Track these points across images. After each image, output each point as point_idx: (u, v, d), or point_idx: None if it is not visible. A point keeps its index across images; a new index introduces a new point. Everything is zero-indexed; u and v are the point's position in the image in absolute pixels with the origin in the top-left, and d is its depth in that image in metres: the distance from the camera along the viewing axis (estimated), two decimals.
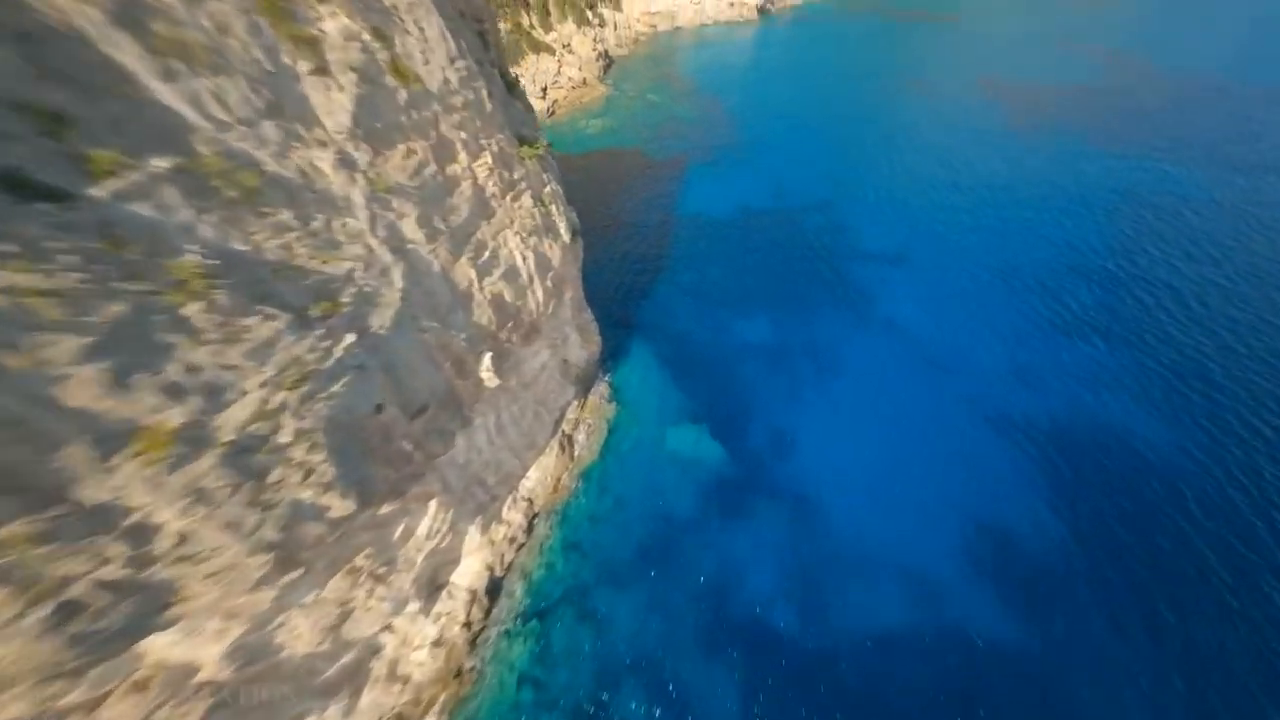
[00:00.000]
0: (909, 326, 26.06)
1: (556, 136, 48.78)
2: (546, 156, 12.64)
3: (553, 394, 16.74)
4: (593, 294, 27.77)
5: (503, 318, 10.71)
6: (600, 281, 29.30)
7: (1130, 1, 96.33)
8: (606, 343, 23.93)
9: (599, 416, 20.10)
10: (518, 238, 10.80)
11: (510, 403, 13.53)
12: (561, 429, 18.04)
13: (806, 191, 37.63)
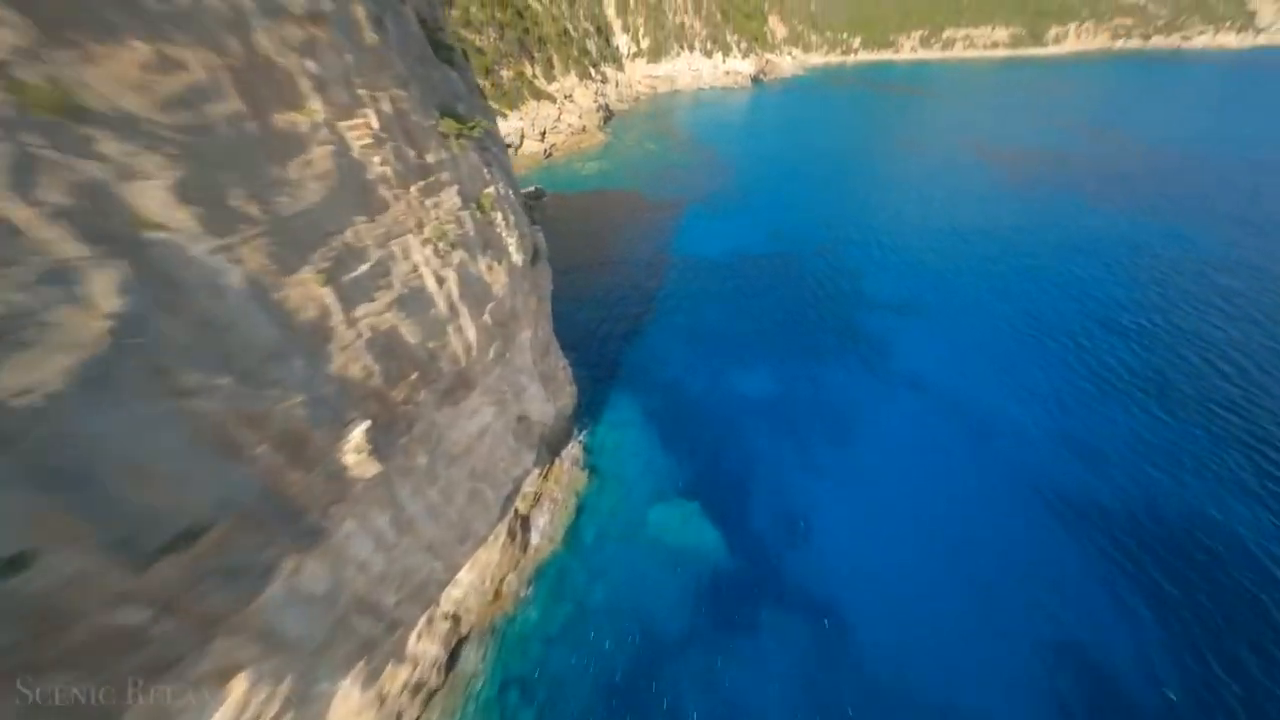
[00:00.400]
0: (933, 383, 22.43)
1: (551, 177, 47.69)
2: (491, 147, 9.48)
3: (501, 464, 12.52)
4: (573, 335, 24.23)
5: (399, 366, 7.01)
6: (583, 320, 25.85)
7: (1087, 85, 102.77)
8: (584, 393, 19.98)
9: (567, 489, 15.70)
10: (429, 249, 7.32)
11: (427, 485, 9.34)
12: (514, 509, 13.61)
13: (806, 236, 35.48)
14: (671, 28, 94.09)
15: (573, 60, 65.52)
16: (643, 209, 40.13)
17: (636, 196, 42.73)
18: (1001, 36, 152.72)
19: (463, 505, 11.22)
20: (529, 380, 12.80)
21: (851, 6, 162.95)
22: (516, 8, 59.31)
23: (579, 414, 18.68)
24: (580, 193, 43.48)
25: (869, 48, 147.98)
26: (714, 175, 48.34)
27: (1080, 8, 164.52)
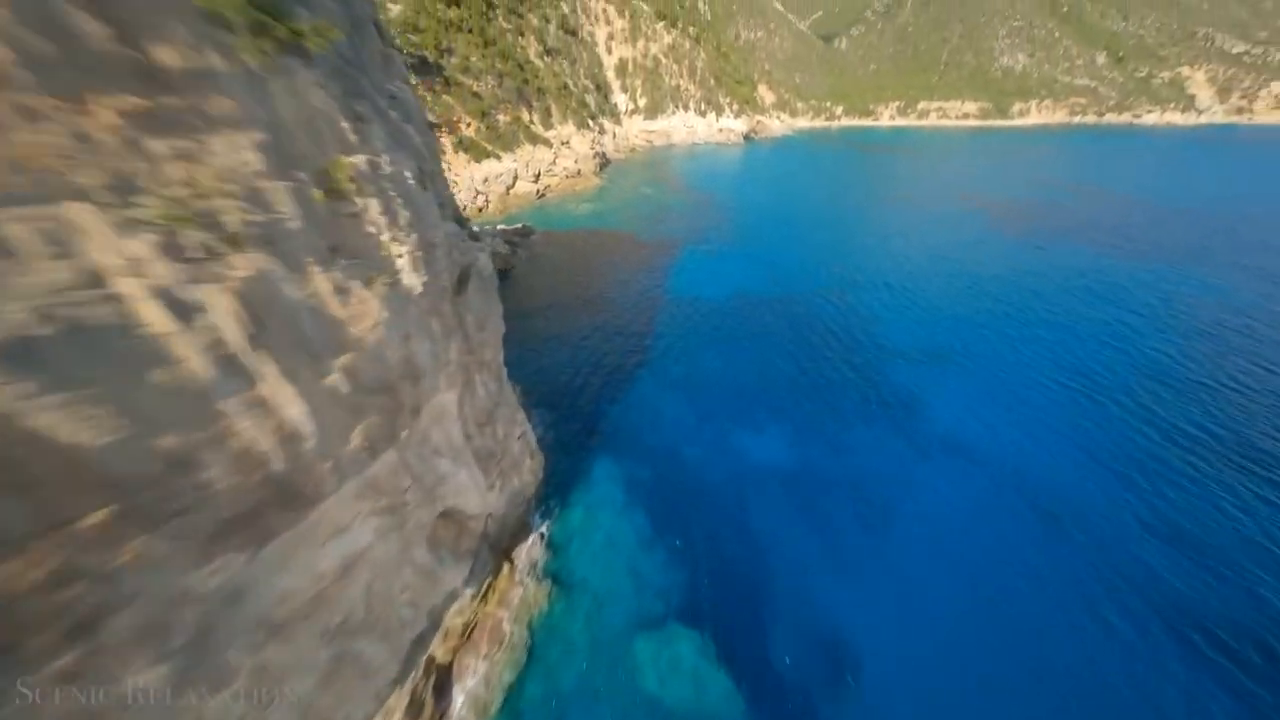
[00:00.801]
0: (978, 450, 18.30)
1: (543, 216, 45.68)
2: (385, 104, 5.75)
3: (400, 599, 7.95)
4: (545, 387, 20.10)
5: (60, 495, 3.09)
6: (560, 368, 21.80)
7: (1057, 151, 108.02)
8: (554, 464, 15.51)
9: (517, 613, 10.86)
10: (141, 240, 3.15)
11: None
12: (425, 659, 8.77)
13: (809, 278, 32.63)
14: (668, 89, 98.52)
15: (571, 110, 66.47)
16: (636, 248, 37.53)
17: (630, 236, 40.38)
18: (971, 109, 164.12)
19: (313, 688, 6.50)
20: (455, 464, 8.48)
21: (831, 80, 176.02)
22: (518, 60, 60.57)
23: (543, 496, 14.10)
24: (571, 231, 41.11)
25: (850, 114, 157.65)
26: (710, 218, 46.64)
27: (1038, 88, 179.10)
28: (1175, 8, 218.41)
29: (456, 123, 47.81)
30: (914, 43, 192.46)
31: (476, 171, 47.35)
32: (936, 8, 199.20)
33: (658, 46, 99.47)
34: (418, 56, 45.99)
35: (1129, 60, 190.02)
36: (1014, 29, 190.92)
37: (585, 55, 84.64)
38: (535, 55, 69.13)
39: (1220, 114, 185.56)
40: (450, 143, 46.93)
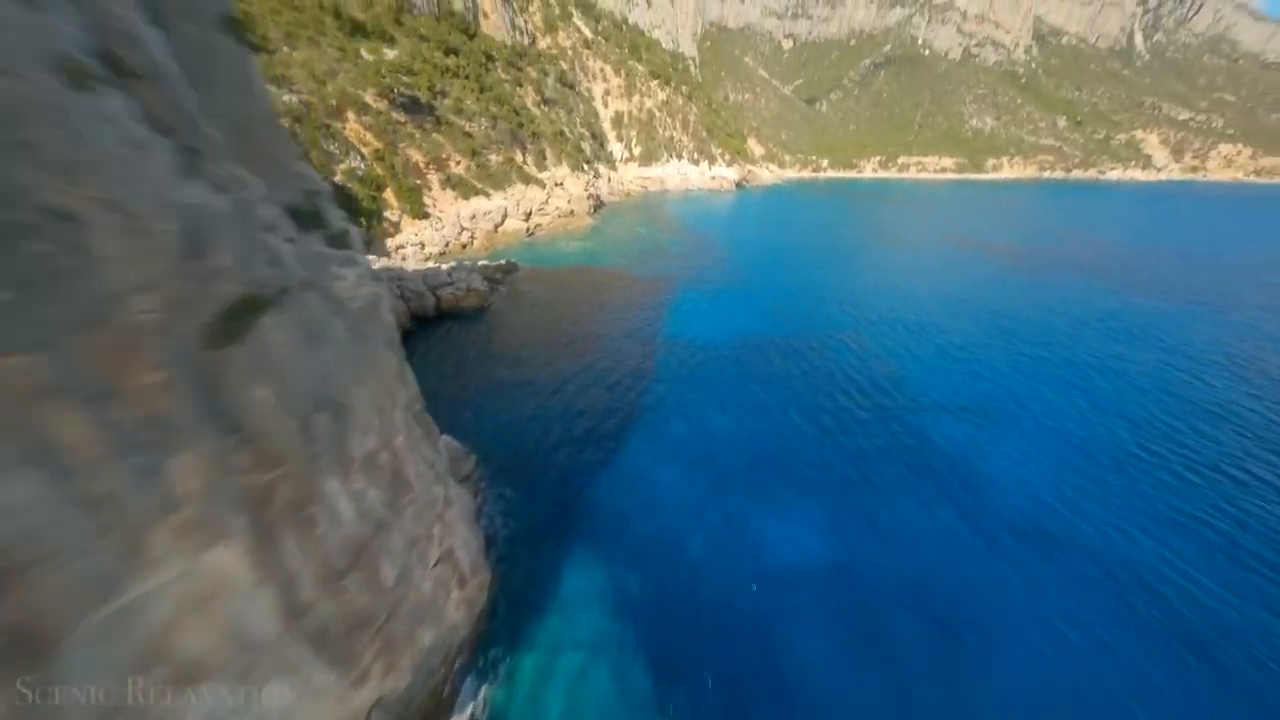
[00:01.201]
0: (1065, 538, 13.98)
1: (531, 252, 43.01)
2: None
3: None
4: (508, 451, 15.72)
5: None
6: (529, 425, 17.48)
7: (1036, 200, 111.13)
8: (508, 578, 10.90)
9: None
10: None
11: None
12: None
13: (818, 319, 29.33)
14: (662, 139, 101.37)
15: (566, 154, 66.43)
16: (628, 286, 34.40)
17: (622, 273, 37.45)
18: (948, 164, 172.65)
19: None
20: (244, 681, 4.08)
21: (815, 137, 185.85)
22: (513, 107, 60.87)
23: (484, 636, 9.35)
24: (560, 268, 38.18)
25: (835, 167, 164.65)
26: (707, 256, 44.25)
27: (1007, 146, 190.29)
28: (1121, 81, 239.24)
29: (445, 160, 46.29)
30: (889, 106, 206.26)
31: (463, 208, 45.21)
32: (907, 77, 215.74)
33: (652, 102, 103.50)
34: (409, 96, 45.15)
35: (1087, 124, 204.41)
36: (979, 96, 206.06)
37: (582, 107, 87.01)
38: (532, 104, 70.24)
39: (1176, 171, 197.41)
40: (437, 179, 45.10)
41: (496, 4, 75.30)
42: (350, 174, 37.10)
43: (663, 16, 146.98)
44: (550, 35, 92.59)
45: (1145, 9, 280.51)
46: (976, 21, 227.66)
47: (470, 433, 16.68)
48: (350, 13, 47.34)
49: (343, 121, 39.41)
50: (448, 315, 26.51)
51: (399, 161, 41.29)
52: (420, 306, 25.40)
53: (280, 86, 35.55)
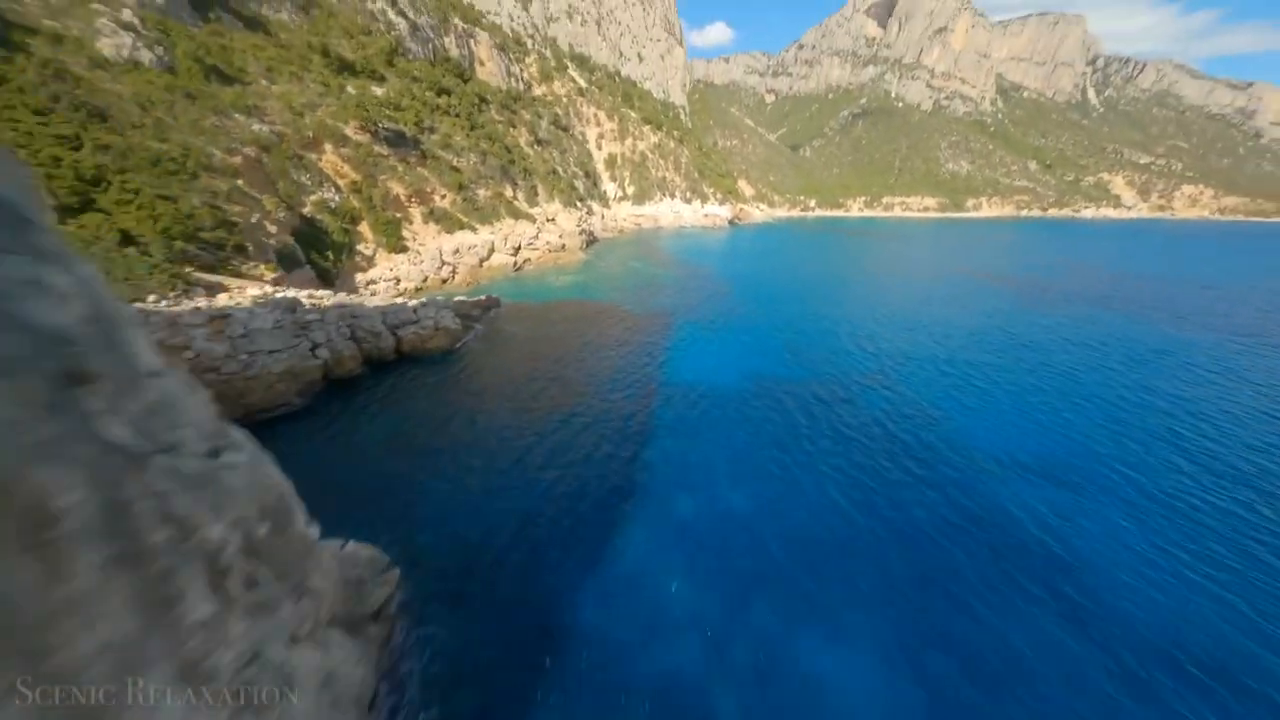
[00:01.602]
0: (1214, 662, 9.56)
1: (517, 287, 39.79)
2: None
3: None
4: (457, 551, 11.16)
5: None
6: (492, 506, 12.98)
7: (1025, 235, 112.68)
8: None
9: None
10: None
11: None
12: None
13: (837, 358, 25.65)
14: (655, 179, 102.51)
15: (559, 190, 65.31)
16: (620, 322, 30.82)
17: (614, 308, 34.03)
18: (930, 203, 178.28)
19: None
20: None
21: (802, 179, 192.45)
22: (505, 145, 60.10)
23: None
24: (547, 303, 34.72)
25: (823, 206, 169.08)
26: (705, 290, 41.25)
27: (984, 187, 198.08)
28: (1082, 130, 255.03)
29: (430, 193, 44.01)
30: (868, 152, 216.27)
31: (446, 242, 42.39)
32: (883, 126, 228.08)
33: (645, 144, 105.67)
34: (394, 130, 43.48)
35: (1056, 167, 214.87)
36: (953, 142, 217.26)
37: (576, 148, 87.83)
38: (526, 144, 70.08)
39: (1145, 210, 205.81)
40: (420, 213, 42.56)
41: (492, 53, 77.20)
42: (321, 205, 34.24)
43: (653, 70, 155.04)
44: (545, 84, 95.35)
45: (1094, 69, 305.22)
46: (944, 78, 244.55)
47: (400, 524, 12.20)
48: (340, 53, 46.67)
49: (319, 153, 37.12)
50: (410, 358, 22.49)
51: (378, 194, 38.75)
52: (376, 348, 21.40)
53: (250, 116, 33.31)
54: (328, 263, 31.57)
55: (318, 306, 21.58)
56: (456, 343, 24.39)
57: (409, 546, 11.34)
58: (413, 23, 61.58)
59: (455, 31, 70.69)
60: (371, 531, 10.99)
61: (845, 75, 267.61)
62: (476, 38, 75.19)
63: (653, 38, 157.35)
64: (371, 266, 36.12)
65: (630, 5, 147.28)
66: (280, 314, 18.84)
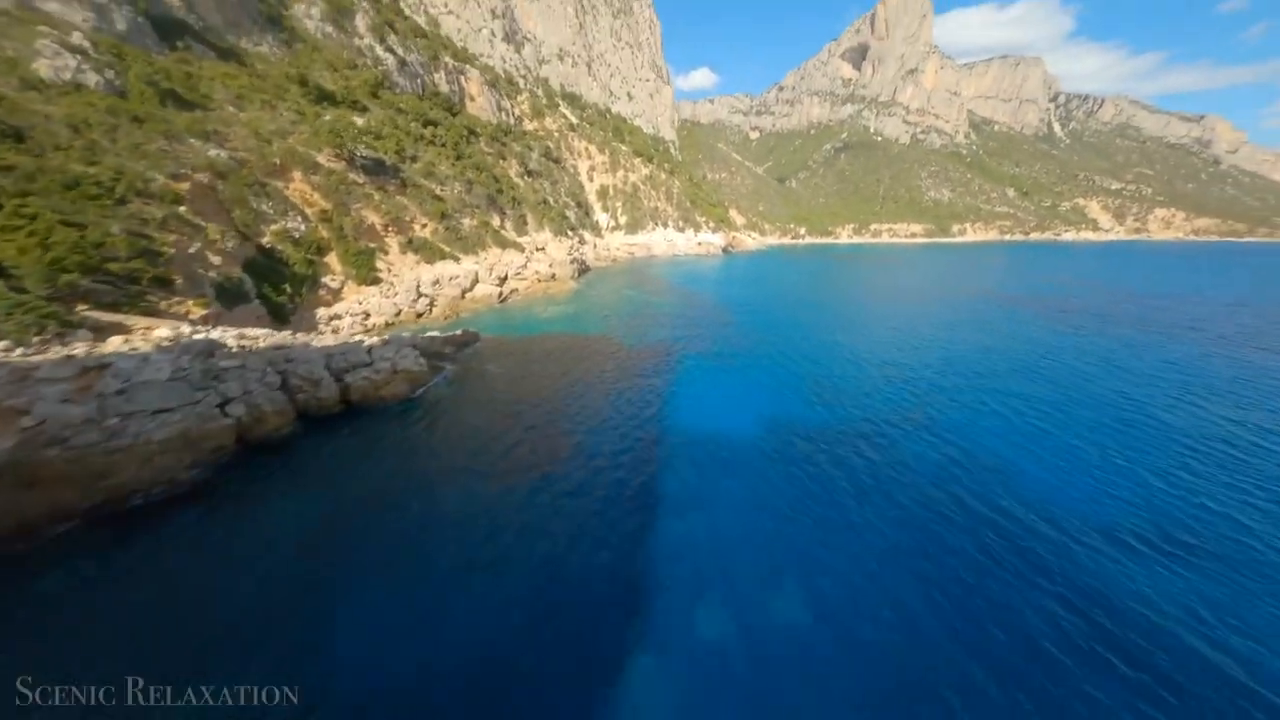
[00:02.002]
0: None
1: (500, 319, 36.27)
2: None
3: None
4: (415, 677, 6.72)
5: None
6: (450, 623, 8.72)
7: (1021, 257, 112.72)
8: None
9: None
10: None
11: None
12: None
13: (866, 397, 22.03)
14: (647, 209, 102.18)
15: (549, 219, 63.36)
16: (614, 357, 27.21)
17: (607, 341, 30.51)
18: (918, 229, 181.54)
19: None
20: None
21: (790, 208, 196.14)
22: (493, 174, 58.44)
23: None
24: (532, 337, 31.13)
25: (813, 234, 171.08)
26: (707, 319, 38.05)
27: (967, 213, 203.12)
28: (1053, 159, 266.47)
29: (409, 222, 41.25)
30: (853, 182, 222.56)
31: (425, 273, 39.21)
32: (865, 158, 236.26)
33: (636, 176, 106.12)
34: (373, 158, 41.19)
35: (1033, 194, 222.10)
36: (932, 172, 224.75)
37: (567, 179, 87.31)
38: (515, 175, 68.85)
39: (1122, 233, 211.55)
40: (397, 243, 39.58)
41: (483, 88, 77.47)
42: (282, 235, 31.03)
43: (643, 108, 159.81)
44: (537, 120, 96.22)
45: (1057, 105, 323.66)
46: (919, 114, 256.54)
47: (314, 660, 7.92)
48: (319, 83, 45.09)
49: (286, 181, 34.33)
50: (360, 409, 18.51)
51: (350, 223, 35.78)
52: (314, 399, 17.42)
53: (208, 141, 30.59)
54: (283, 297, 27.97)
55: (246, 349, 17.74)
56: (420, 387, 20.50)
57: (326, 694, 7.06)
58: (400, 59, 61.23)
59: (445, 68, 70.84)
60: (277, 667, 6.80)
61: (825, 113, 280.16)
62: (467, 74, 75.56)
63: (641, 78, 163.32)
64: (338, 300, 32.58)
65: (619, 49, 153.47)
66: (188, 360, 14.95)
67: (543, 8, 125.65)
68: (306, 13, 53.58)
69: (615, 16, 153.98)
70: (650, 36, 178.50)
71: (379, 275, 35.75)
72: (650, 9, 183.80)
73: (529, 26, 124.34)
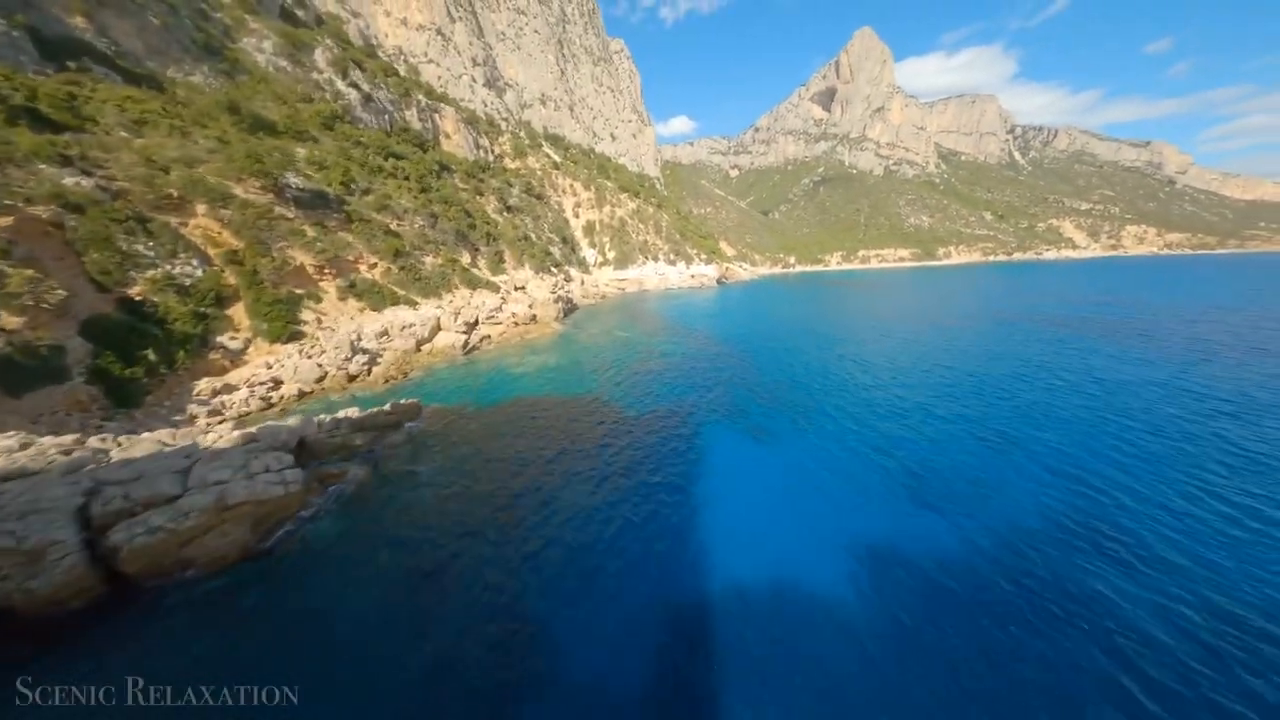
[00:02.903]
0: None
1: (461, 378, 28.09)
2: None
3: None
4: None
5: None
6: None
7: (1017, 276, 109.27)
8: None
9: None
10: None
11: None
12: None
13: (1006, 499, 14.03)
14: (636, 243, 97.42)
15: (530, 256, 56.79)
16: (603, 431, 18.97)
17: (598, 407, 22.37)
18: (905, 254, 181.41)
19: None
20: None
21: (777, 239, 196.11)
22: (465, 209, 52.20)
23: None
24: (498, 404, 22.89)
25: (802, 262, 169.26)
26: (716, 365, 30.36)
27: (949, 237, 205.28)
28: (1020, 184, 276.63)
29: (353, 262, 33.85)
30: (834, 213, 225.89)
31: (370, 322, 31.36)
32: (844, 189, 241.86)
33: (623, 211, 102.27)
34: (311, 190, 34.30)
35: (1009, 217, 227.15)
36: (910, 200, 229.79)
37: (551, 215, 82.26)
38: (494, 211, 63.09)
39: (1099, 249, 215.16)
40: (335, 287, 31.94)
41: (459, 126, 73.38)
42: (161, 284, 23.16)
43: (627, 147, 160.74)
44: (519, 160, 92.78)
45: (1014, 136, 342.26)
46: (889, 148, 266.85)
47: None
48: (258, 112, 38.97)
49: (185, 216, 26.93)
50: (141, 588, 9.88)
51: (268, 265, 28.17)
52: (23, 589, 8.78)
53: (67, 168, 23.26)
54: (135, 369, 19.65)
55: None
56: (278, 528, 11.96)
57: None
58: (365, 94, 56.45)
59: (418, 105, 66.62)
60: None
61: (800, 150, 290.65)
62: (441, 112, 71.58)
63: (623, 119, 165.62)
64: (238, 365, 24.31)
65: (601, 93, 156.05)
66: None
67: (523, 56, 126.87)
68: (257, 46, 48.64)
69: (595, 64, 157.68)
70: (630, 85, 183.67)
71: (303, 329, 27.74)
72: (629, 60, 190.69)
73: (510, 74, 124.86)
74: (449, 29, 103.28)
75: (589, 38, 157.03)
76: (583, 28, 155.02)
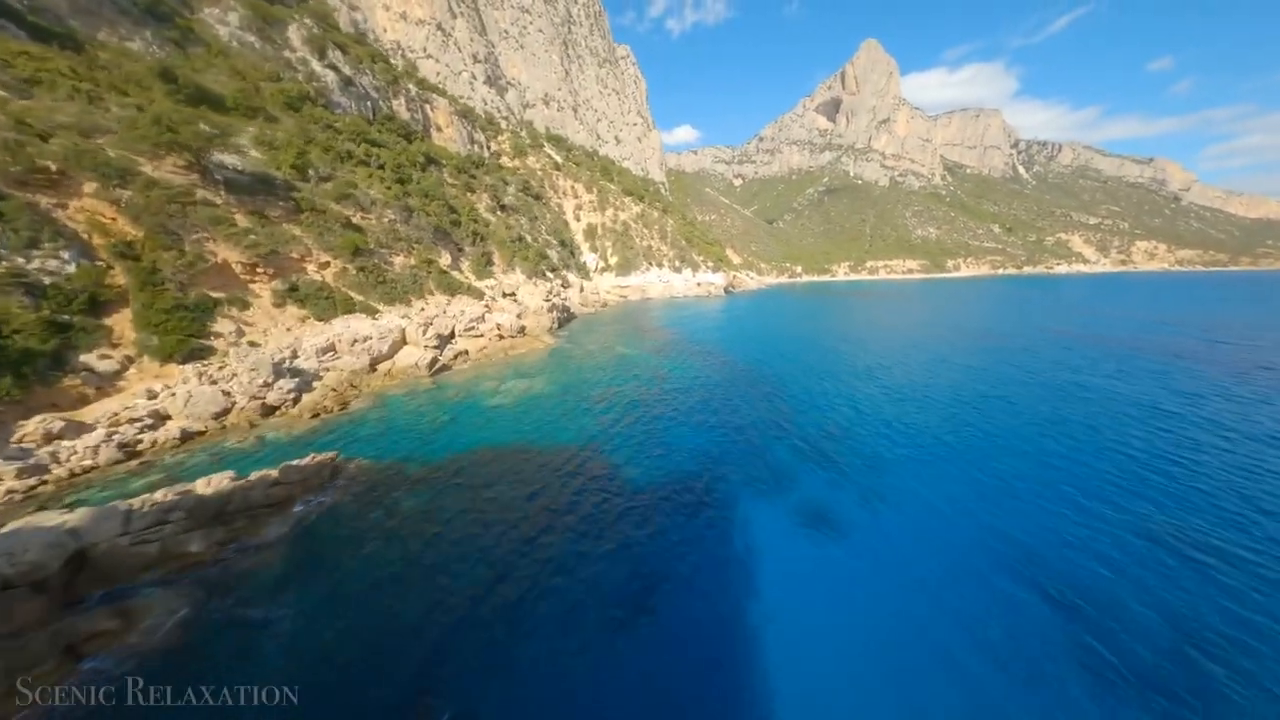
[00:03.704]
0: None
1: (420, 409, 21.24)
2: None
3: None
4: None
5: None
6: None
7: (1029, 291, 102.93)
8: None
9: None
10: None
11: None
12: None
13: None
14: (640, 248, 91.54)
15: (523, 259, 50.55)
16: (595, 520, 12.40)
17: (590, 467, 15.77)
18: (913, 265, 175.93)
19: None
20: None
21: (783, 248, 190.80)
22: (449, 204, 46.01)
23: None
24: (453, 458, 16.30)
25: (809, 272, 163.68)
26: (747, 401, 23.81)
27: (957, 250, 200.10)
28: (1026, 198, 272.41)
29: (299, 260, 27.54)
30: (839, 222, 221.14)
31: (311, 335, 24.95)
32: (849, 200, 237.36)
33: (627, 215, 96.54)
34: (252, 173, 28.07)
35: (1017, 230, 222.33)
36: (916, 211, 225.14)
37: (549, 216, 76.28)
38: (486, 209, 57.03)
39: (1109, 265, 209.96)
40: (272, 290, 25.57)
41: (453, 119, 67.64)
42: (3, 281, 16.78)
43: (631, 150, 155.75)
44: (519, 159, 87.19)
45: (1019, 150, 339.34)
46: (895, 159, 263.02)
47: None
48: (200, 83, 32.88)
49: (64, 196, 20.63)
50: None
51: (173, 262, 21.83)
52: None
53: None
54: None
55: None
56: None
57: None
58: (345, 77, 50.60)
59: (407, 95, 60.86)
60: None
61: (805, 160, 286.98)
62: (434, 103, 65.88)
63: (629, 122, 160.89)
64: (105, 394, 17.84)
65: (606, 95, 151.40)
66: None
67: (527, 55, 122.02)
68: (221, 18, 42.80)
69: (601, 66, 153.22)
70: (636, 89, 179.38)
71: (211, 344, 21.28)
72: (635, 66, 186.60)
73: (513, 73, 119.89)
74: (450, 24, 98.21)
75: (595, 39, 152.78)
76: (589, 29, 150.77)
